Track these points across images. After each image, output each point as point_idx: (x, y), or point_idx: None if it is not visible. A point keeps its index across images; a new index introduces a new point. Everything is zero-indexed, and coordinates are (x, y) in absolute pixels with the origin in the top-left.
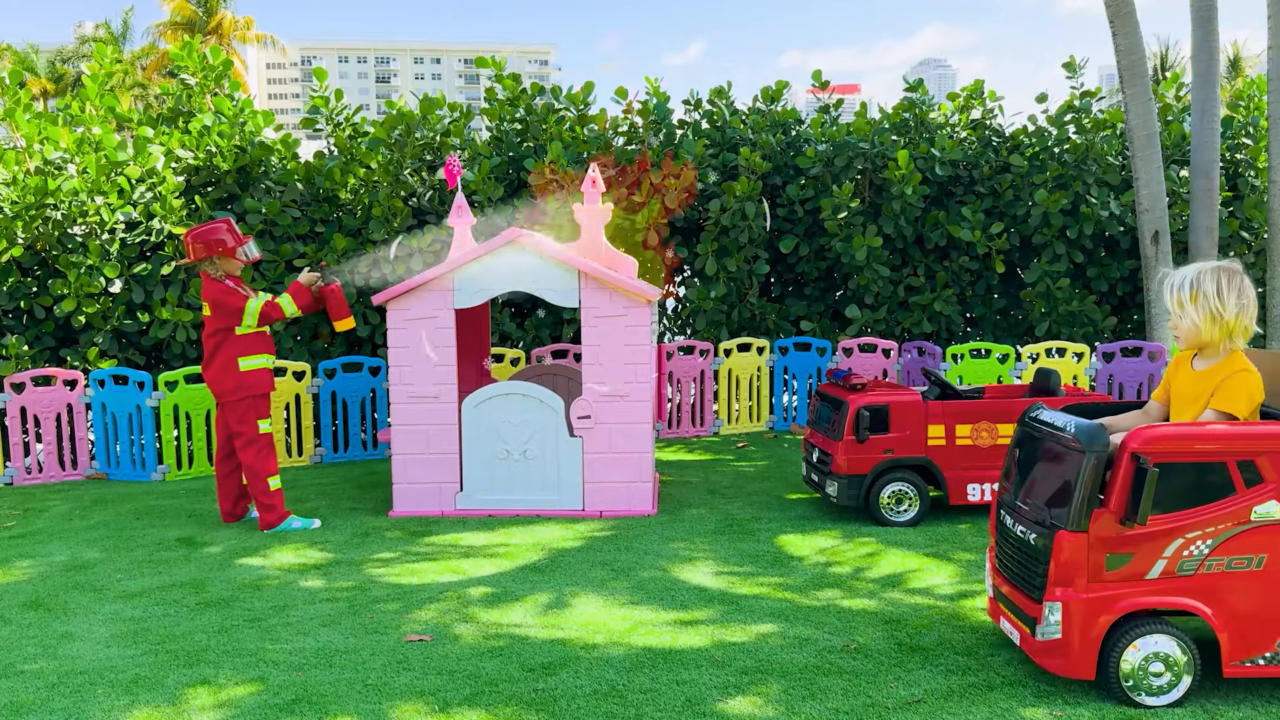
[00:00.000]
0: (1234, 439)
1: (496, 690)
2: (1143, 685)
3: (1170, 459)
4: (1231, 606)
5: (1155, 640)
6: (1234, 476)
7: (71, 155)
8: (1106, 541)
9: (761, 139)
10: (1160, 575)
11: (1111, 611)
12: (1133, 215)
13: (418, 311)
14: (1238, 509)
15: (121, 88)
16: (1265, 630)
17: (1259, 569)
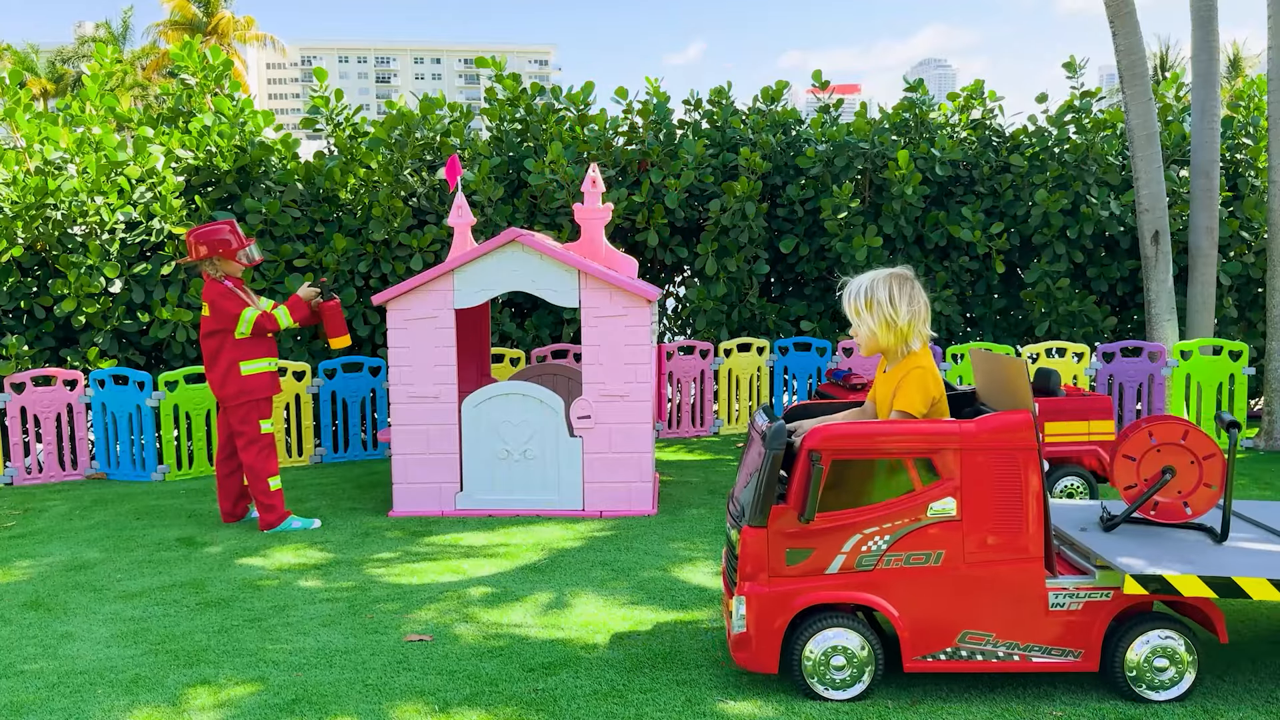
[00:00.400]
0: (911, 437)
1: (496, 690)
2: (824, 679)
3: (848, 456)
4: (911, 602)
5: (836, 634)
6: (911, 473)
7: (71, 155)
8: (787, 537)
9: (761, 139)
10: (840, 570)
11: (791, 606)
12: (1133, 215)
13: (418, 311)
14: (914, 505)
15: (121, 88)
16: (945, 626)
17: (937, 565)
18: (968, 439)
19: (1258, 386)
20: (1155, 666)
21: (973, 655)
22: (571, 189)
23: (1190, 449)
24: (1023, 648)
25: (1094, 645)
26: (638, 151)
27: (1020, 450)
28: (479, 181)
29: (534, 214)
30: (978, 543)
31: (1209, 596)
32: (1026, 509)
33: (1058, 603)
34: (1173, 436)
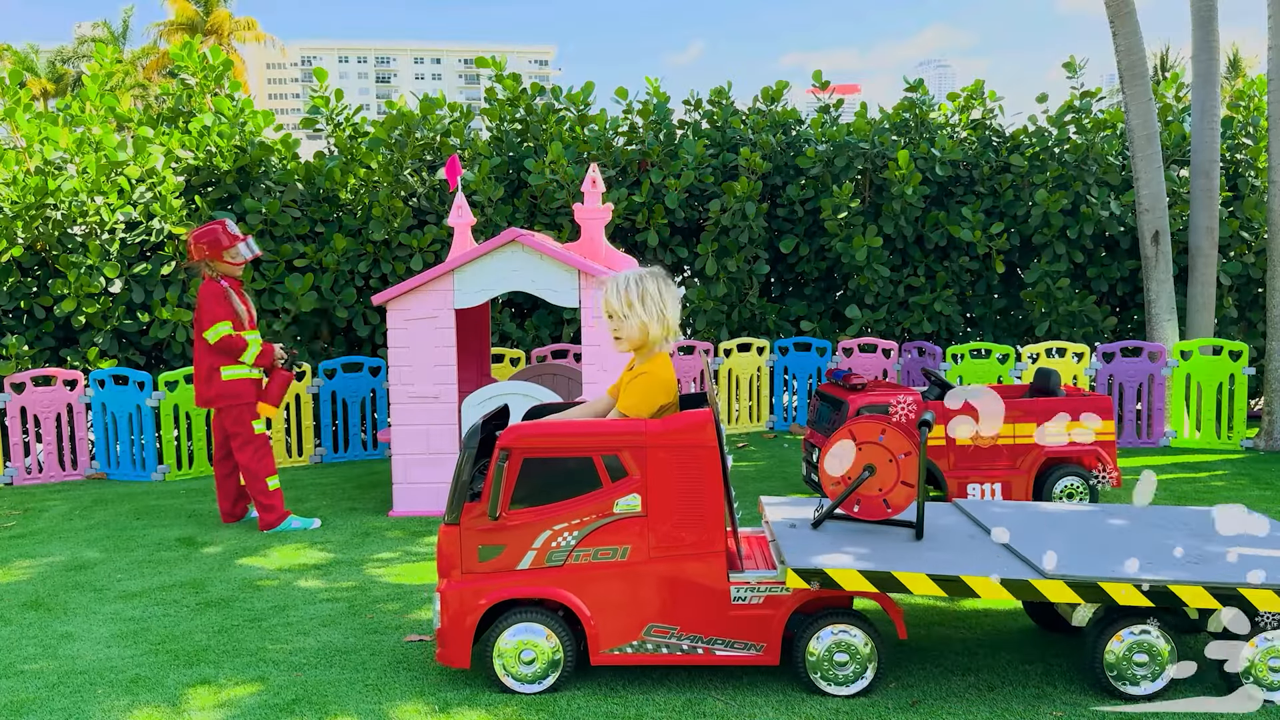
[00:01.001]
0: (598, 435)
1: (496, 690)
2: (515, 673)
3: (541, 454)
4: (599, 596)
5: (527, 629)
6: (600, 471)
7: (71, 155)
8: (480, 534)
9: (762, 139)
10: (530, 566)
11: (481, 601)
12: (1133, 215)
13: (418, 311)
14: (601, 502)
15: (121, 88)
16: (631, 619)
17: (623, 560)
18: (650, 437)
19: (1258, 386)
20: (836, 661)
21: (658, 648)
22: (571, 189)
23: (888, 448)
24: (706, 641)
25: (775, 639)
26: (638, 151)
27: (700, 448)
28: (479, 181)
29: (534, 214)
30: (661, 538)
31: (870, 590)
32: (708, 505)
33: (740, 597)
34: (870, 435)
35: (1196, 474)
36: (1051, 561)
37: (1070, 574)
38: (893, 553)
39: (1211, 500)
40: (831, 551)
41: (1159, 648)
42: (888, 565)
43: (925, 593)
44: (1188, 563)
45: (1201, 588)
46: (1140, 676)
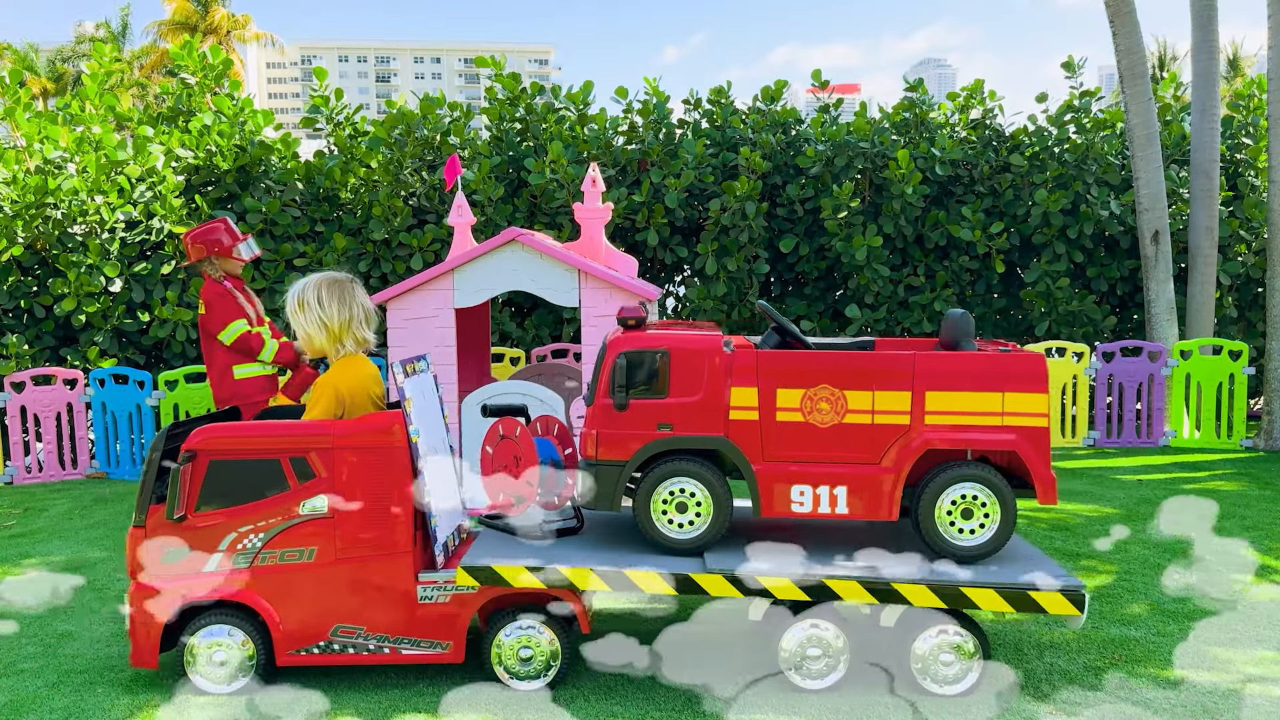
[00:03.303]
0: (284, 436)
1: (496, 690)
2: (206, 674)
3: (227, 456)
4: (286, 598)
5: (217, 631)
6: (287, 472)
7: (71, 154)
8: (166, 535)
9: (761, 138)
10: (217, 569)
11: (167, 605)
12: (1133, 215)
13: (418, 311)
14: (287, 503)
15: (121, 87)
16: (318, 620)
17: (310, 561)
18: (337, 439)
19: (1257, 386)
20: (521, 657)
21: (345, 648)
22: (571, 188)
23: (518, 444)
24: (393, 640)
25: (460, 637)
26: (638, 151)
27: (388, 449)
28: (479, 181)
29: (534, 213)
30: (348, 539)
31: (538, 586)
32: (396, 505)
33: (427, 596)
34: (512, 431)
35: (1196, 473)
36: (713, 558)
37: (729, 569)
38: (582, 550)
39: (1212, 500)
40: (523, 551)
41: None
42: (559, 562)
43: (591, 588)
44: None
45: (856, 583)
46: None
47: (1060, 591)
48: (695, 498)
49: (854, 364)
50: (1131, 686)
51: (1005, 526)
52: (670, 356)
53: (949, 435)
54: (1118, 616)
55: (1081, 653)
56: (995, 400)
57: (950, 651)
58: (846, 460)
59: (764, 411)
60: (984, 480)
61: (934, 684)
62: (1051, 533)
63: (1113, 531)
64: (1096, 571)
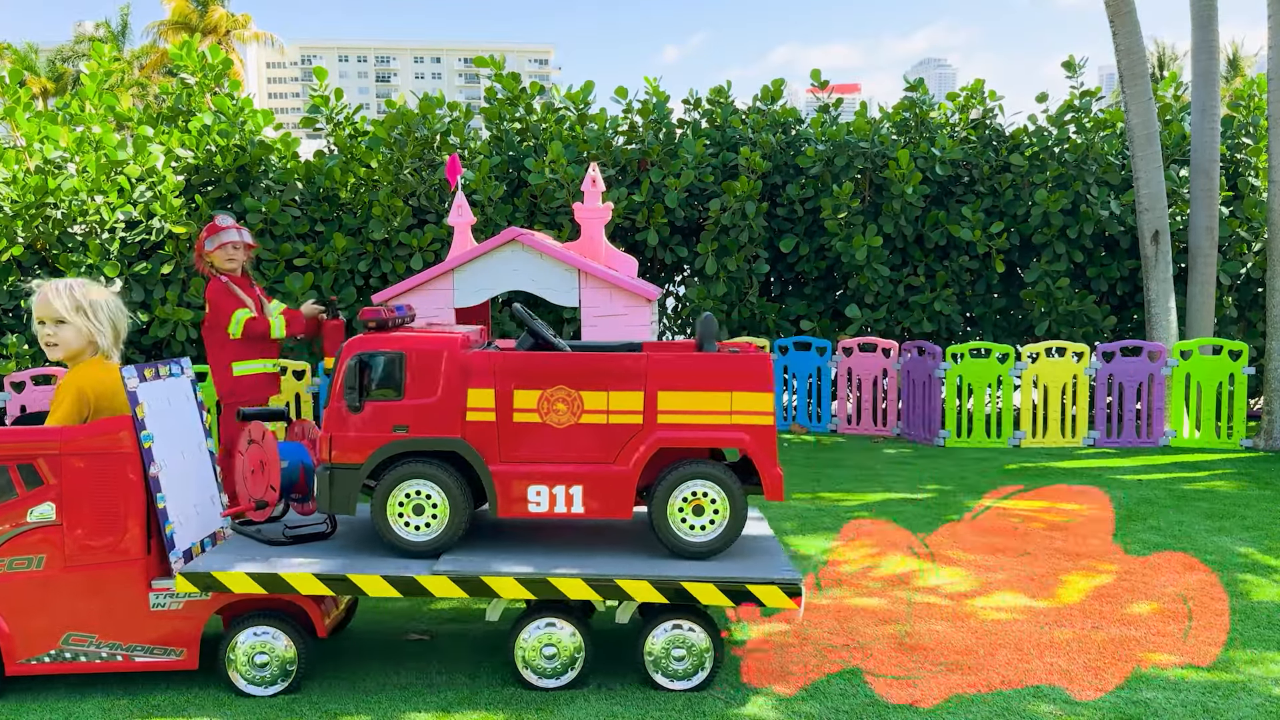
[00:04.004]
0: (10, 443)
1: (496, 690)
2: None
3: None
4: (15, 606)
5: None
6: (14, 479)
7: (71, 154)
8: None
9: (761, 138)
10: None
11: None
12: (1133, 215)
13: (417, 311)
14: (16, 511)
15: (121, 87)
16: (48, 629)
17: (39, 569)
18: (65, 445)
19: (1257, 386)
20: (256, 663)
21: (76, 656)
22: (571, 188)
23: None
24: (125, 648)
25: (194, 644)
26: (638, 151)
27: (116, 454)
28: (479, 181)
29: (534, 213)
30: (78, 546)
31: (259, 592)
32: (126, 512)
33: (159, 603)
34: (259, 435)
35: (1196, 473)
36: (449, 560)
37: (455, 570)
38: (324, 555)
39: (1212, 500)
40: (250, 556)
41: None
42: (289, 567)
43: (311, 592)
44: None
45: (581, 580)
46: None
47: (777, 584)
48: (432, 500)
49: (589, 365)
50: (1131, 687)
51: (735, 523)
52: (406, 358)
53: (680, 434)
54: (1117, 616)
55: (1081, 653)
56: (725, 400)
57: (682, 647)
58: (583, 460)
59: (501, 413)
60: (713, 478)
61: (665, 679)
62: (1050, 532)
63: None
64: (1096, 571)
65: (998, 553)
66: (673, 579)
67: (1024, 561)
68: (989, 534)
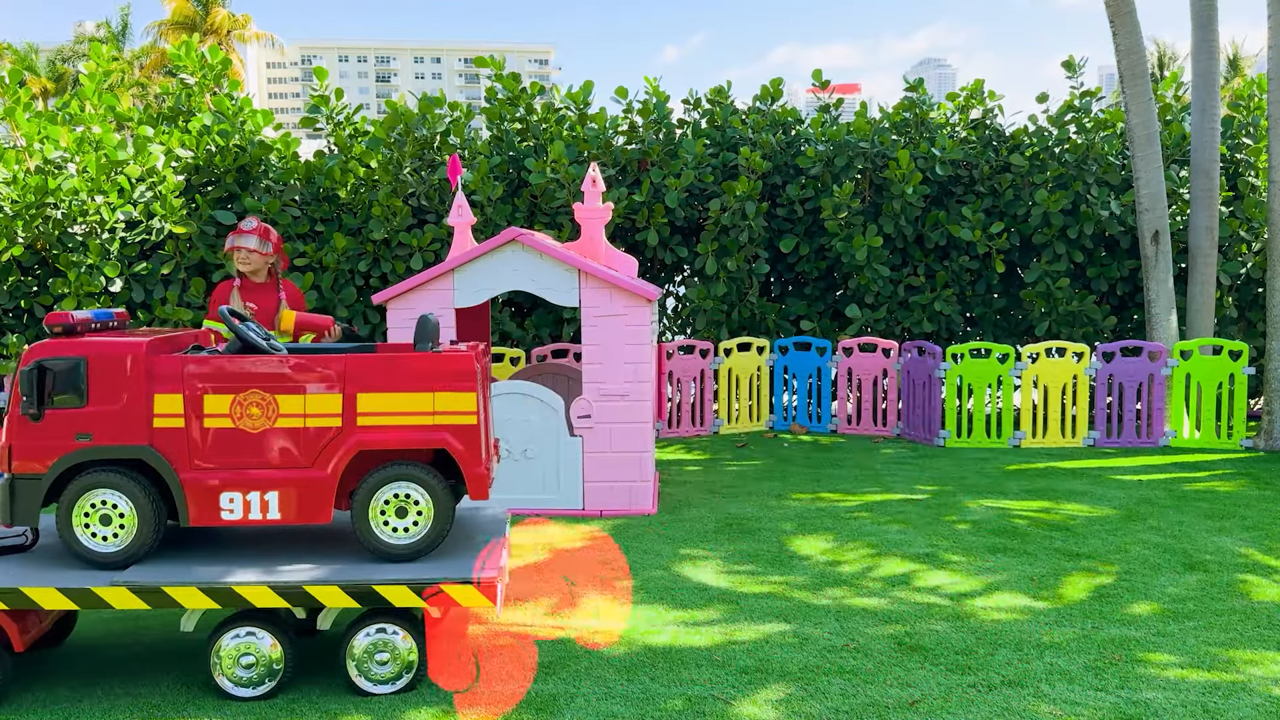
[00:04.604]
0: None
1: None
2: None
3: None
4: None
5: None
6: None
7: (71, 154)
8: None
9: (761, 138)
10: None
11: None
12: (1133, 215)
13: (417, 310)
14: None
15: (121, 87)
16: None
17: None
18: None
19: (1258, 386)
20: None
21: None
22: (572, 188)
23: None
24: None
25: None
26: (638, 151)
27: None
28: (479, 181)
29: (534, 213)
30: None
31: None
32: None
33: None
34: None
35: (1196, 473)
36: (138, 570)
37: (134, 581)
38: (22, 568)
39: (1212, 500)
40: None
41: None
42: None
43: None
44: None
45: (267, 588)
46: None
47: (472, 584)
48: (119, 510)
49: (284, 368)
50: (1132, 687)
51: (439, 524)
52: (87, 363)
53: (380, 436)
54: (1118, 617)
55: (1082, 653)
56: (426, 400)
57: (385, 650)
58: (279, 465)
59: (190, 418)
60: (416, 479)
61: (369, 683)
62: (1051, 533)
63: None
64: (1097, 572)
65: (998, 553)
66: (363, 582)
67: (1024, 561)
68: (989, 534)
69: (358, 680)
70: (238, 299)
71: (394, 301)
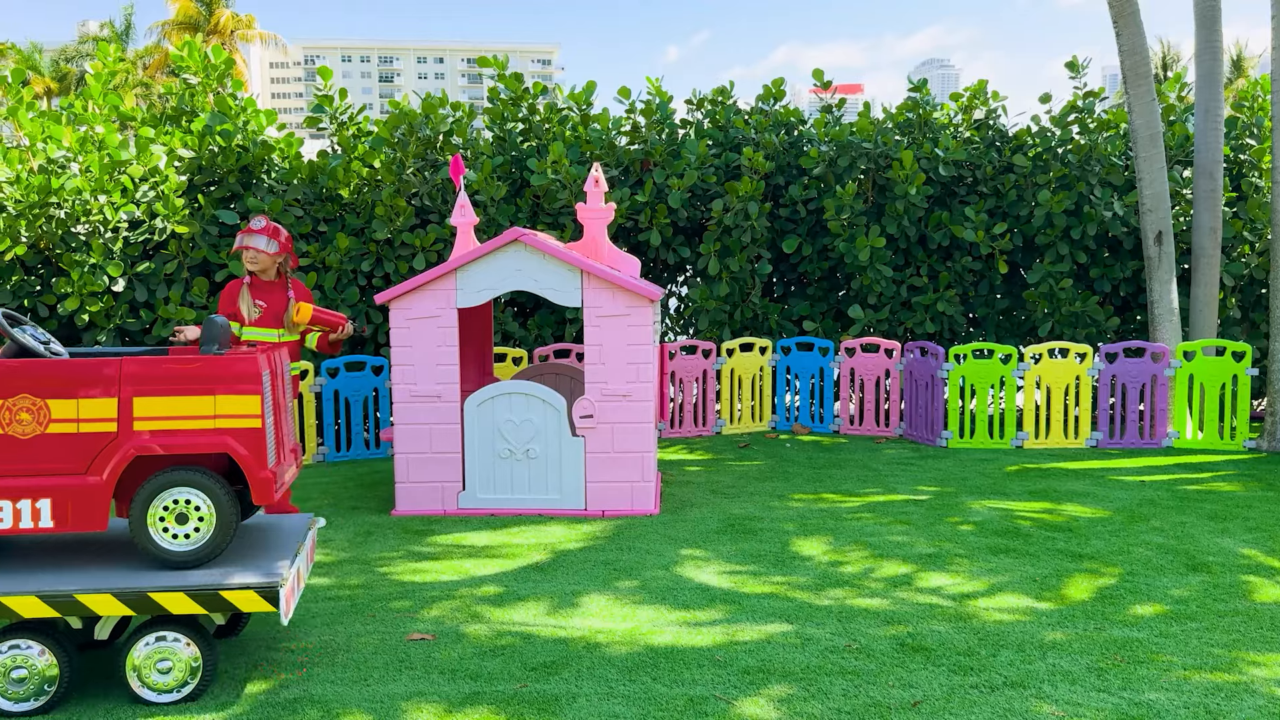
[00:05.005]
0: None
1: (499, 690)
2: None
3: None
4: None
5: None
6: None
7: (75, 154)
8: None
9: (764, 139)
10: None
11: None
12: (1136, 216)
13: (420, 310)
14: None
15: (125, 87)
16: None
17: None
18: None
19: (1261, 387)
20: None
21: None
22: (574, 189)
23: None
24: None
25: None
26: (640, 151)
27: None
28: (482, 181)
29: (537, 213)
30: None
31: None
32: None
33: None
34: None
35: (1199, 474)
36: None
37: None
38: None
39: (1215, 501)
40: None
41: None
42: None
43: None
44: None
45: (35, 598)
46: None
47: (254, 589)
48: None
49: (57, 372)
50: (1135, 688)
51: (223, 530)
52: None
53: (159, 440)
54: (1121, 618)
55: (1084, 654)
56: (207, 404)
57: (168, 659)
58: (51, 472)
59: None
60: (197, 484)
61: (151, 692)
62: (1054, 534)
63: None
64: (1100, 573)
65: (1000, 554)
66: (138, 590)
67: (1027, 562)
68: (992, 535)
69: (139, 689)
70: (248, 297)
71: (397, 301)
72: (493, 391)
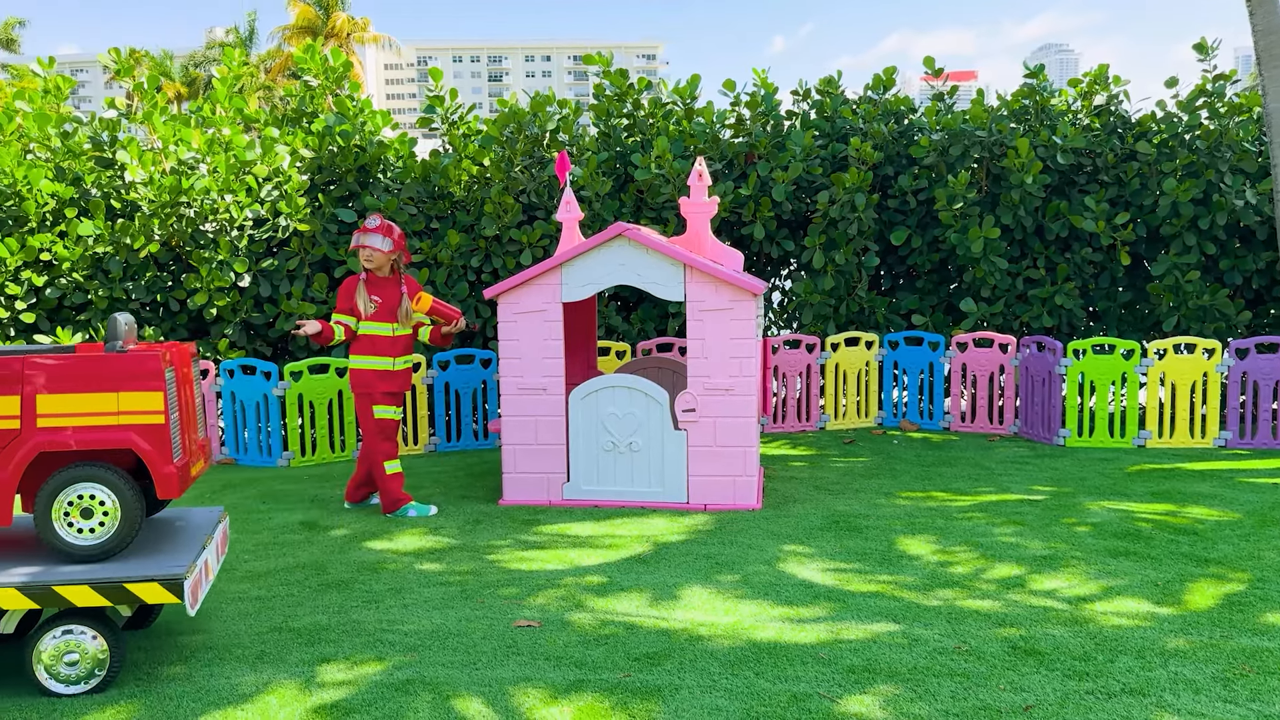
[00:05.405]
0: None
1: (602, 678)
2: None
3: None
4: None
5: None
6: None
7: (203, 155)
8: None
9: (873, 128)
10: None
11: None
12: (1270, 204)
13: (527, 305)
14: None
15: (249, 90)
16: None
17: None
18: None
19: None
20: None
21: None
22: (678, 183)
23: None
24: None
25: None
26: (745, 144)
27: None
28: (587, 177)
29: (640, 208)
30: None
31: None
32: None
33: None
34: None
35: None
36: None
37: None
38: None
39: None
40: None
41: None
42: None
43: None
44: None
45: None
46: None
47: (158, 581)
48: None
49: None
50: (1264, 699)
51: (128, 524)
52: None
53: (62, 437)
54: (1250, 625)
55: (1209, 662)
56: (110, 400)
57: (75, 651)
58: None
59: None
60: (101, 480)
61: (60, 685)
62: (1177, 537)
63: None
64: (1226, 579)
65: (1119, 556)
66: (42, 584)
67: (1148, 566)
68: (1110, 537)
69: (46, 682)
70: (364, 293)
71: (504, 296)
72: (597, 385)
